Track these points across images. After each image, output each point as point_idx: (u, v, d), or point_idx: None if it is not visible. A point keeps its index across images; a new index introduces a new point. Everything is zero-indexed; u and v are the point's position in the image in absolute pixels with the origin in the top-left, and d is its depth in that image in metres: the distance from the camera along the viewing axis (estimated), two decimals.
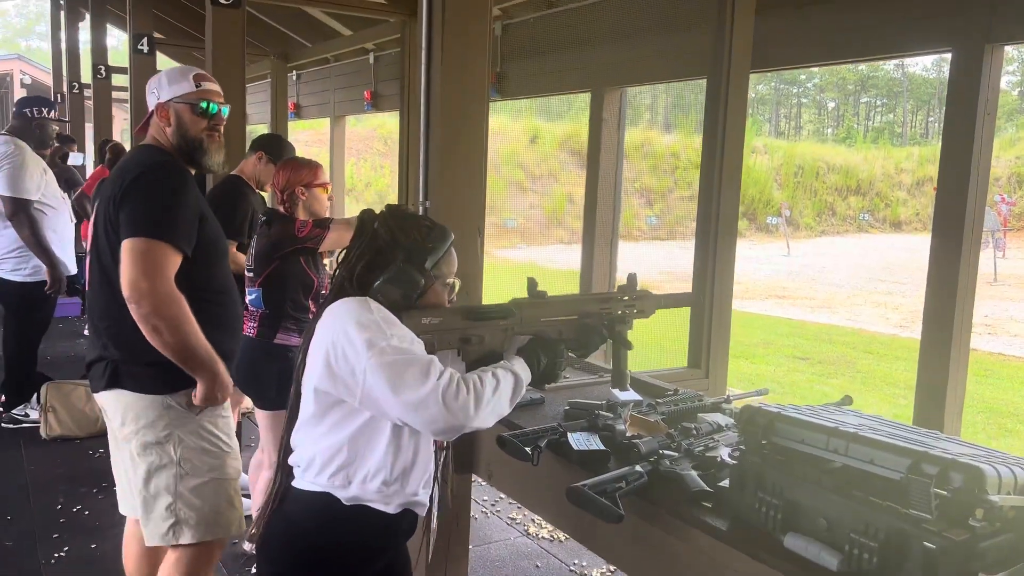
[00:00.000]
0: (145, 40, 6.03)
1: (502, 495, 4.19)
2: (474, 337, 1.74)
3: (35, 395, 4.71)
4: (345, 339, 1.57)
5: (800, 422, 1.53)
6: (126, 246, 2.10)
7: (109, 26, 9.04)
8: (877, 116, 49.03)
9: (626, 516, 1.63)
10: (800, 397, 6.77)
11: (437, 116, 2.20)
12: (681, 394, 2.29)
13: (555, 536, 3.78)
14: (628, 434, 1.99)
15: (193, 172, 2.31)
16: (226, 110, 2.34)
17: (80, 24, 10.19)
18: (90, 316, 2.31)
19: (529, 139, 21.43)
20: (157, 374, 2.17)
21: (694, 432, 1.98)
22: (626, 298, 1.98)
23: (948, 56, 3.00)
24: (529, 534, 3.80)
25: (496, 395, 1.61)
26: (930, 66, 45.50)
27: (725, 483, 1.72)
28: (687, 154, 22.74)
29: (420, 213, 2.29)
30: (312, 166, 3.07)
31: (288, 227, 2.97)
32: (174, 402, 2.21)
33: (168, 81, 2.29)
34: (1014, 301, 12.21)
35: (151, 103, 2.31)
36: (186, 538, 2.23)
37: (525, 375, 1.70)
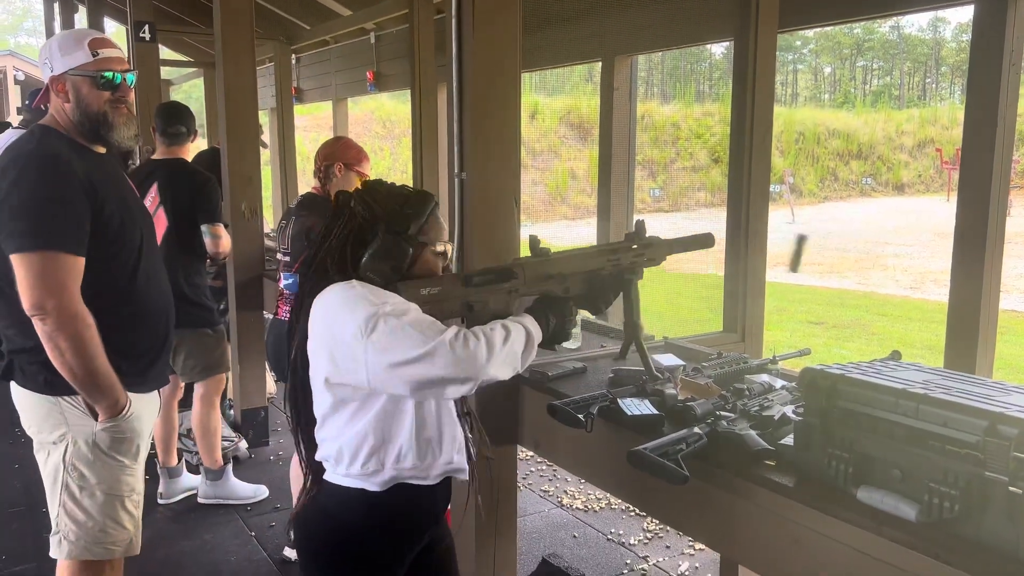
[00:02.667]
0: (147, 27, 5.97)
1: (532, 468, 4.20)
2: (477, 303, 1.66)
3: None
4: (340, 327, 1.50)
5: (866, 384, 1.48)
6: (19, 261, 1.89)
7: (105, 17, 8.95)
8: (874, 79, 48.70)
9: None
10: (819, 361, 6.76)
11: (470, 86, 2.17)
12: (725, 357, 2.27)
13: (589, 507, 3.79)
14: (680, 397, 1.98)
15: (104, 150, 2.11)
16: (132, 77, 2.08)
17: (75, 16, 10.11)
18: None
19: (529, 115, 21.29)
20: (43, 373, 2.00)
21: (747, 393, 1.97)
22: (635, 246, 1.91)
23: (942, 14, 2.95)
24: (563, 505, 3.81)
25: (507, 345, 1.53)
26: (925, 26, 45.09)
27: (786, 441, 1.71)
28: (687, 124, 22.61)
29: (456, 185, 2.27)
30: (360, 152, 3.07)
31: (318, 221, 2.91)
32: (72, 403, 2.03)
33: (61, 50, 2.01)
34: (1022, 259, 12.16)
35: (44, 76, 2.04)
36: (63, 553, 2.08)
37: (536, 331, 1.63)
